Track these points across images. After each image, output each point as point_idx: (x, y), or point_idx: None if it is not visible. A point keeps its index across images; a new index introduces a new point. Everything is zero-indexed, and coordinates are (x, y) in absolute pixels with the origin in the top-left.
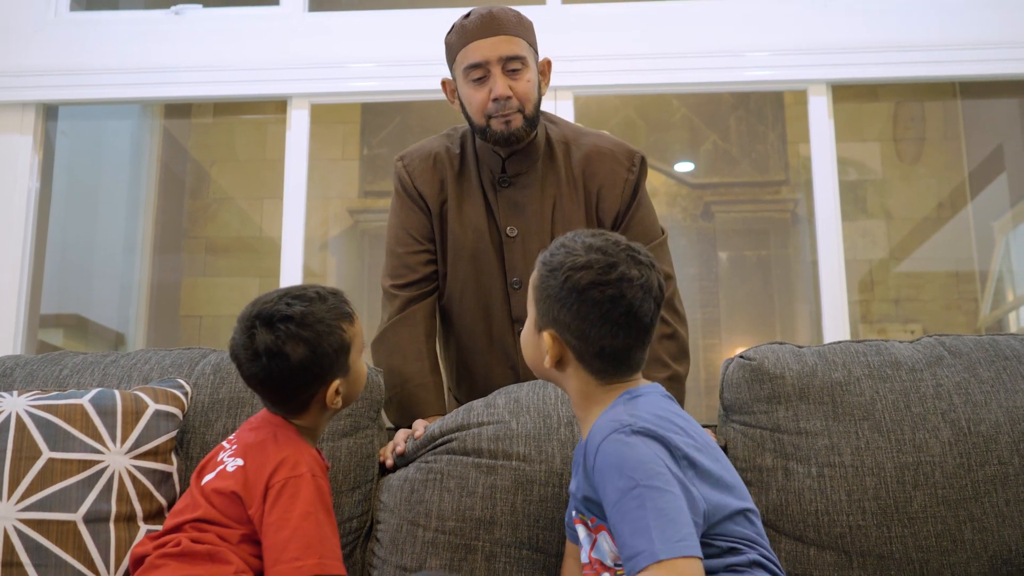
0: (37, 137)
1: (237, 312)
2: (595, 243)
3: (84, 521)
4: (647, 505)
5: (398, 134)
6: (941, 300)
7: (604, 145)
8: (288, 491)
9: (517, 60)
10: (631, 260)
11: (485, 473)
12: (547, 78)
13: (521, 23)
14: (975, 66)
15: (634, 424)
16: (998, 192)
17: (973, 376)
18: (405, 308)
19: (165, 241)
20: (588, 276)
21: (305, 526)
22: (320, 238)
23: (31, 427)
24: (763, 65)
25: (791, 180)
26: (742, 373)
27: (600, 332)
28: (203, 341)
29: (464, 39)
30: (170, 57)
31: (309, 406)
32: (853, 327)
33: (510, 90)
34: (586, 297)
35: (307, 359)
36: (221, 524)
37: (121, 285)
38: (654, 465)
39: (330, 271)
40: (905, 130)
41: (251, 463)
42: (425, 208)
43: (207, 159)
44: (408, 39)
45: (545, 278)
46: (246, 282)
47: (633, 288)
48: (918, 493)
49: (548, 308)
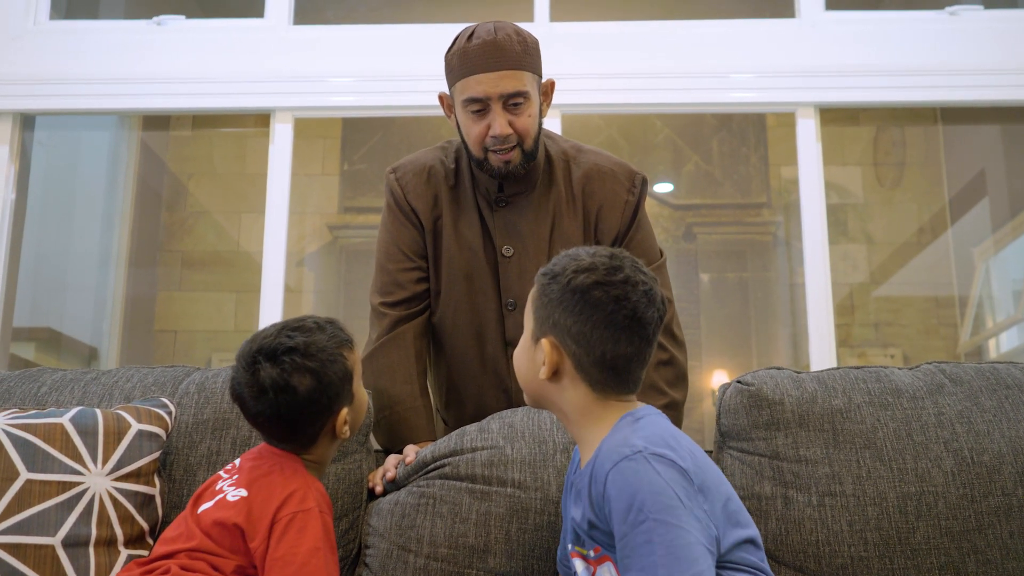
0: (13, 147)
1: (213, 327)
2: (600, 250)
3: (63, 545)
4: (655, 540)
5: (379, 150)
6: (920, 325)
7: (605, 164)
8: (296, 525)
9: (519, 95)
10: (636, 268)
11: (479, 499)
12: (550, 99)
13: (527, 52)
14: (960, 92)
15: (646, 449)
16: (979, 217)
17: (975, 405)
18: (395, 327)
19: (141, 255)
20: (593, 276)
21: (313, 563)
22: (297, 253)
23: (8, 447)
24: (752, 87)
25: (772, 202)
26: (740, 399)
27: (602, 336)
28: (177, 357)
29: (465, 68)
30: (151, 68)
31: (318, 439)
32: (835, 350)
33: (510, 127)
34: (589, 298)
35: (315, 390)
36: (215, 554)
37: (95, 299)
38: (666, 497)
39: (307, 287)
40: (886, 155)
41: (256, 495)
42: (418, 223)
43: (184, 172)
44: (396, 54)
45: (545, 286)
46: (222, 297)
47: (637, 292)
48: (921, 524)
49: (548, 314)
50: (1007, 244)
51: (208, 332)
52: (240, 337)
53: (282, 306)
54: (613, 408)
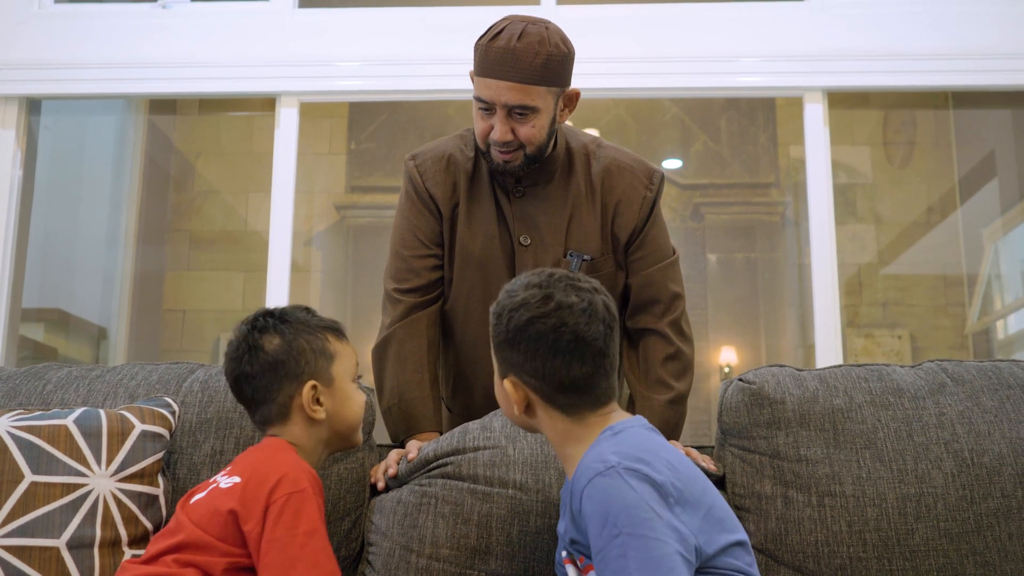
0: (19, 131)
1: (221, 307)
2: (532, 280)
3: (68, 547)
4: (629, 555)
5: (386, 129)
6: (928, 303)
7: (624, 160)
8: (292, 507)
9: (525, 108)
10: (569, 288)
11: (481, 500)
12: (573, 107)
13: (547, 66)
14: (970, 76)
15: (619, 464)
16: (988, 198)
17: (976, 405)
18: (408, 314)
19: (149, 234)
20: (527, 313)
21: (312, 544)
22: (305, 233)
23: (13, 449)
24: (760, 71)
25: (781, 182)
26: (741, 397)
27: (553, 365)
28: (186, 337)
29: (481, 67)
30: (156, 52)
31: (290, 412)
32: (840, 332)
33: (511, 134)
34: (529, 333)
35: (280, 351)
36: (204, 549)
37: (104, 279)
38: (639, 510)
39: (315, 266)
40: (896, 134)
41: (250, 479)
42: (436, 211)
43: (192, 151)
44: (401, 39)
45: (495, 327)
46: (230, 276)
47: (574, 314)
48: (920, 525)
49: (503, 356)
50: (1016, 226)
51: (217, 311)
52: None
53: (289, 285)
54: (592, 425)
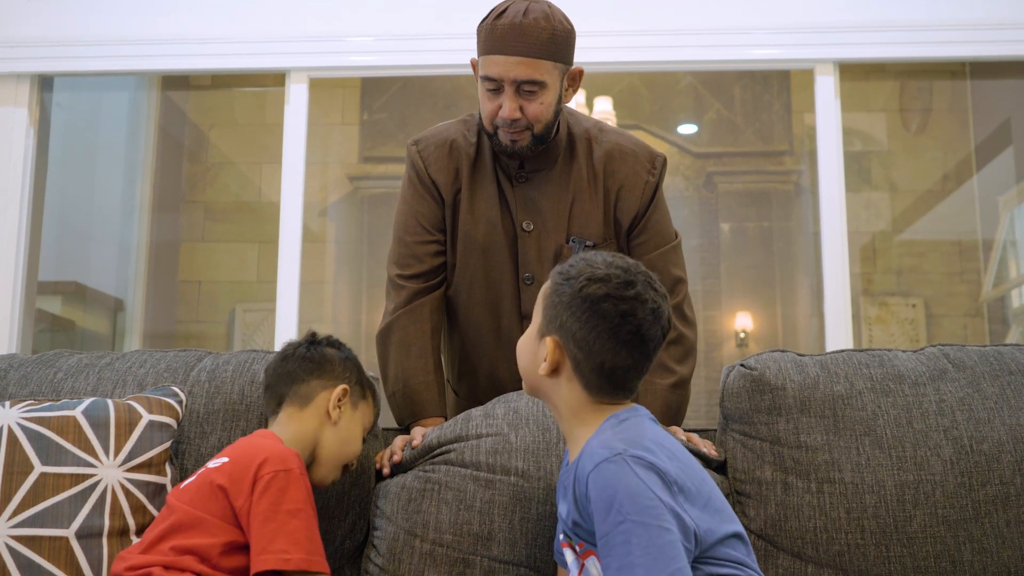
0: (32, 109)
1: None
2: (616, 261)
3: (77, 537)
4: (633, 541)
5: (399, 100)
6: (943, 271)
7: (626, 144)
8: (277, 484)
9: (533, 83)
10: (648, 284)
11: (483, 487)
12: (576, 87)
13: (553, 41)
14: (985, 47)
15: (626, 451)
16: (1004, 166)
17: (977, 391)
18: (411, 301)
19: (164, 206)
20: (604, 288)
21: (294, 522)
22: (320, 203)
23: (23, 441)
24: (770, 44)
25: (795, 150)
26: (743, 382)
27: (604, 346)
28: (202, 308)
29: (488, 45)
30: (168, 28)
31: (310, 403)
32: (854, 300)
33: (520, 112)
34: (598, 309)
35: (334, 356)
36: (198, 528)
37: (120, 251)
38: (644, 498)
39: (329, 236)
40: (912, 100)
41: (238, 458)
42: (438, 197)
43: (206, 123)
44: (410, 15)
45: (559, 285)
46: (245, 247)
47: (645, 309)
48: (918, 512)
49: (557, 314)
50: None
51: (232, 283)
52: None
53: (301, 256)
54: (602, 410)
